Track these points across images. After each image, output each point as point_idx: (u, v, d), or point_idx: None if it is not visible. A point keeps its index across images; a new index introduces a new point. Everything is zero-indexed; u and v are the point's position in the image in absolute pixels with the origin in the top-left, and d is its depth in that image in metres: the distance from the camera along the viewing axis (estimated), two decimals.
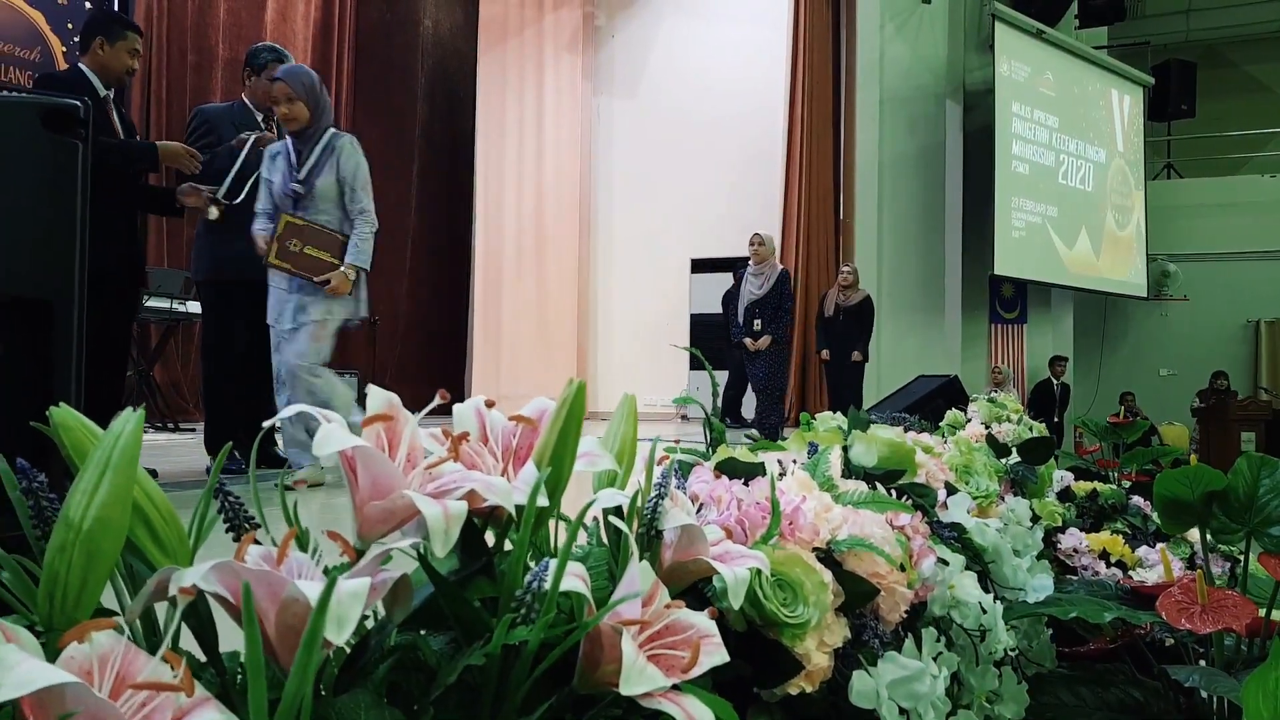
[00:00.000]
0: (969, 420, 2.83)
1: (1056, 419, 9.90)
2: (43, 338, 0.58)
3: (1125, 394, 11.71)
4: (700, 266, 11.18)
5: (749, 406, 10.24)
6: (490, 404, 0.61)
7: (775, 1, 10.93)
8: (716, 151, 11.47)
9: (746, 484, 0.81)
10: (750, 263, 7.11)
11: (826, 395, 9.60)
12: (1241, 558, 1.90)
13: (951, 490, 1.24)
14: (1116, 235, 11.12)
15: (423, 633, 0.56)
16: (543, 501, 0.54)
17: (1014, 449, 1.73)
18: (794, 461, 0.97)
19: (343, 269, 3.57)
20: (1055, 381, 10.32)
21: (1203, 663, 1.25)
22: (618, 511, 0.67)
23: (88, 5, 7.30)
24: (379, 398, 0.54)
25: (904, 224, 10.11)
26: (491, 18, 11.95)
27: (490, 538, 0.62)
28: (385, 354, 10.40)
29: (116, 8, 7.43)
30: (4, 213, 0.63)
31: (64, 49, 7.16)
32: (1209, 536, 1.20)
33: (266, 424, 0.55)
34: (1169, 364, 12.36)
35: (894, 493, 1.00)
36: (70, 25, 7.16)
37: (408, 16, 11.62)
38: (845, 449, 1.10)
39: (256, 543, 0.50)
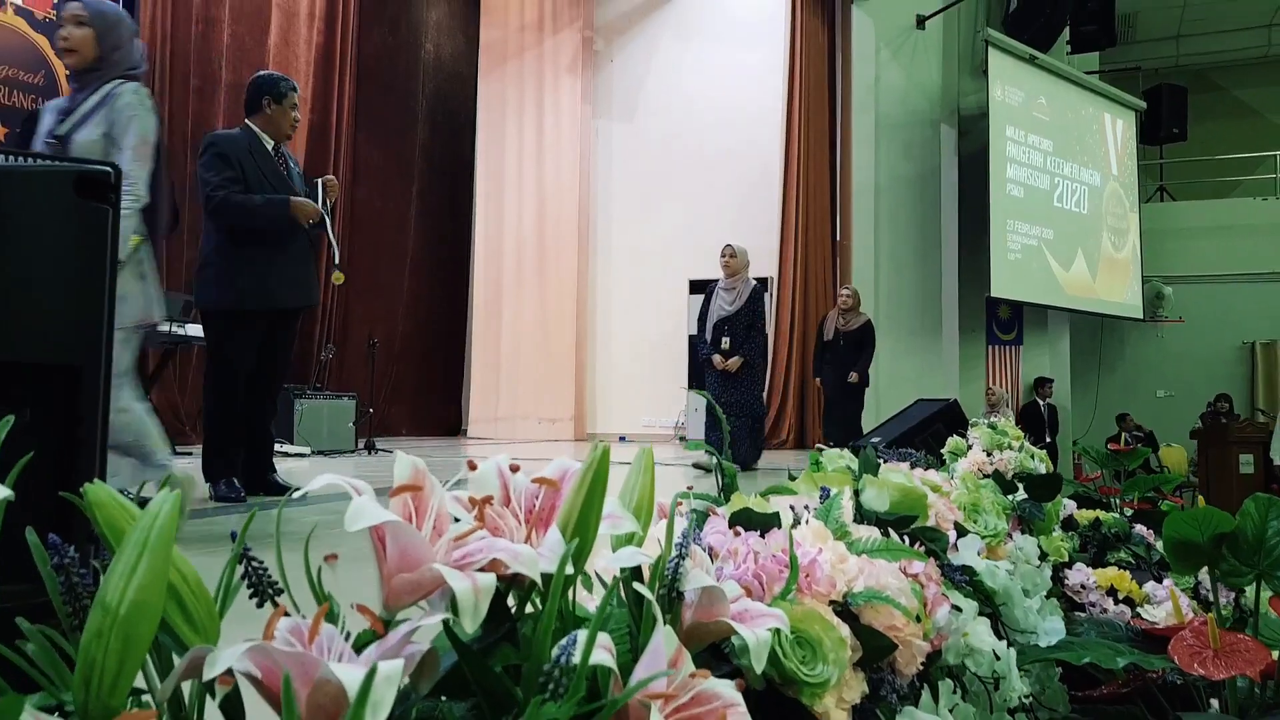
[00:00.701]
0: (970, 446, 2.83)
1: (1049, 440, 9.91)
2: (69, 403, 0.58)
3: (1121, 415, 11.73)
4: (698, 287, 11.16)
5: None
6: (515, 468, 0.61)
7: (772, 27, 11.01)
8: (714, 173, 11.52)
9: (762, 535, 0.81)
10: (722, 276, 6.65)
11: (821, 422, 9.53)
12: (1246, 588, 1.90)
13: (961, 531, 1.24)
14: (1113, 257, 11.18)
15: (443, 698, 0.56)
16: (569, 570, 0.54)
17: (1020, 485, 1.73)
18: (806, 507, 0.97)
19: None
20: (1042, 403, 10.34)
21: (1214, 703, 1.25)
22: (636, 570, 0.67)
23: None
24: (406, 466, 0.54)
25: (900, 246, 10.16)
26: (492, 42, 12.04)
27: (509, 601, 0.62)
28: (382, 374, 10.40)
29: None
30: (36, 278, 0.63)
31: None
32: (1219, 578, 1.20)
33: (299, 492, 0.55)
34: (1165, 385, 12.41)
35: (906, 538, 1.00)
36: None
37: (409, 41, 11.70)
38: (856, 491, 1.10)
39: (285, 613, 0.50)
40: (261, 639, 0.45)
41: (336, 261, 4.34)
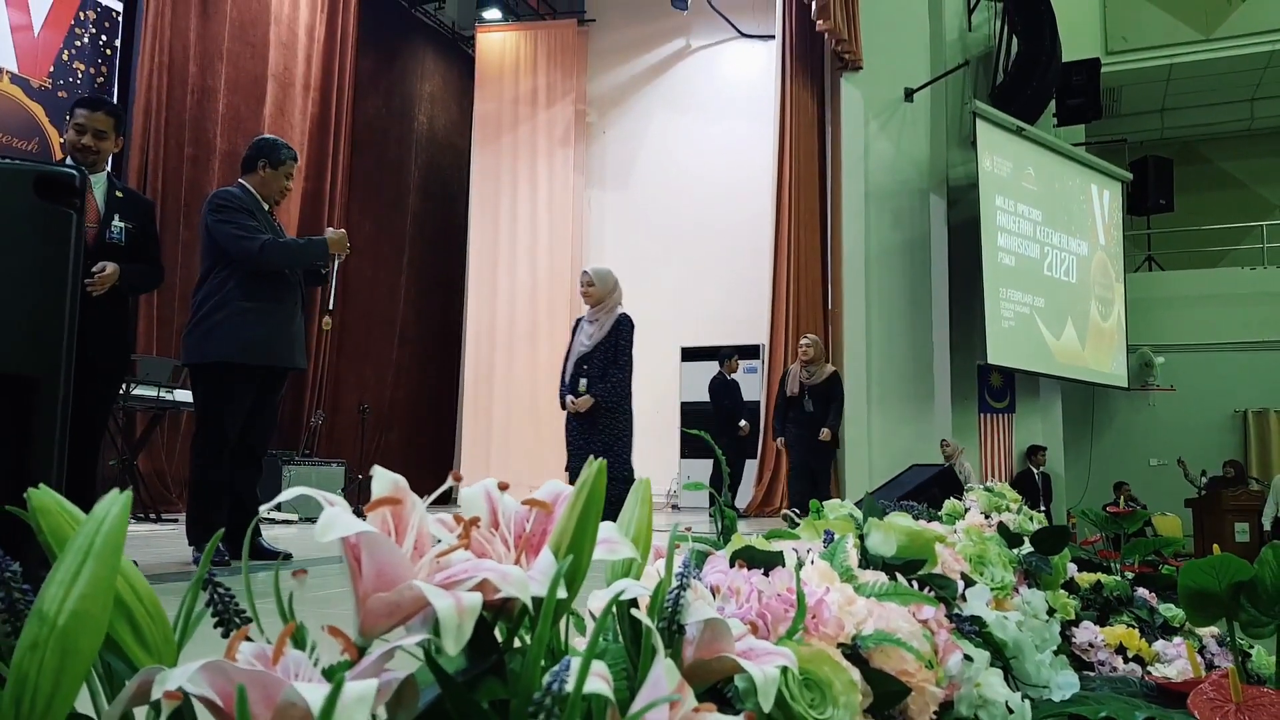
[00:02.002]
0: (968, 509, 2.78)
1: (1043, 508, 9.82)
2: (25, 416, 0.54)
3: (1119, 484, 11.65)
4: (690, 355, 11.21)
5: (741, 498, 10.15)
6: (504, 486, 0.57)
7: (762, 99, 11.19)
8: (706, 243, 11.61)
9: (766, 574, 0.76)
10: (587, 308, 5.71)
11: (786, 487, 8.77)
12: (1251, 651, 1.84)
13: (968, 582, 1.20)
14: (1100, 326, 11.23)
15: None
16: (561, 594, 0.49)
17: (1026, 539, 1.68)
18: (809, 551, 0.93)
19: None
20: (1036, 471, 10.27)
21: None
22: (633, 604, 0.62)
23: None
24: (385, 480, 0.50)
25: (891, 315, 10.18)
26: (485, 115, 12.21)
27: (498, 633, 0.57)
28: (372, 442, 10.31)
29: (115, 100, 7.54)
30: None
31: (61, 140, 7.24)
32: (1237, 629, 1.15)
33: (266, 507, 0.50)
34: (1158, 454, 12.36)
35: (914, 584, 0.96)
36: (68, 118, 7.25)
37: (403, 112, 11.86)
38: (861, 538, 1.06)
39: (248, 639, 0.45)
40: (225, 658, 0.41)
41: (331, 308, 4.34)
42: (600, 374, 5.33)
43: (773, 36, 11.13)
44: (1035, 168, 10.52)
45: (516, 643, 0.56)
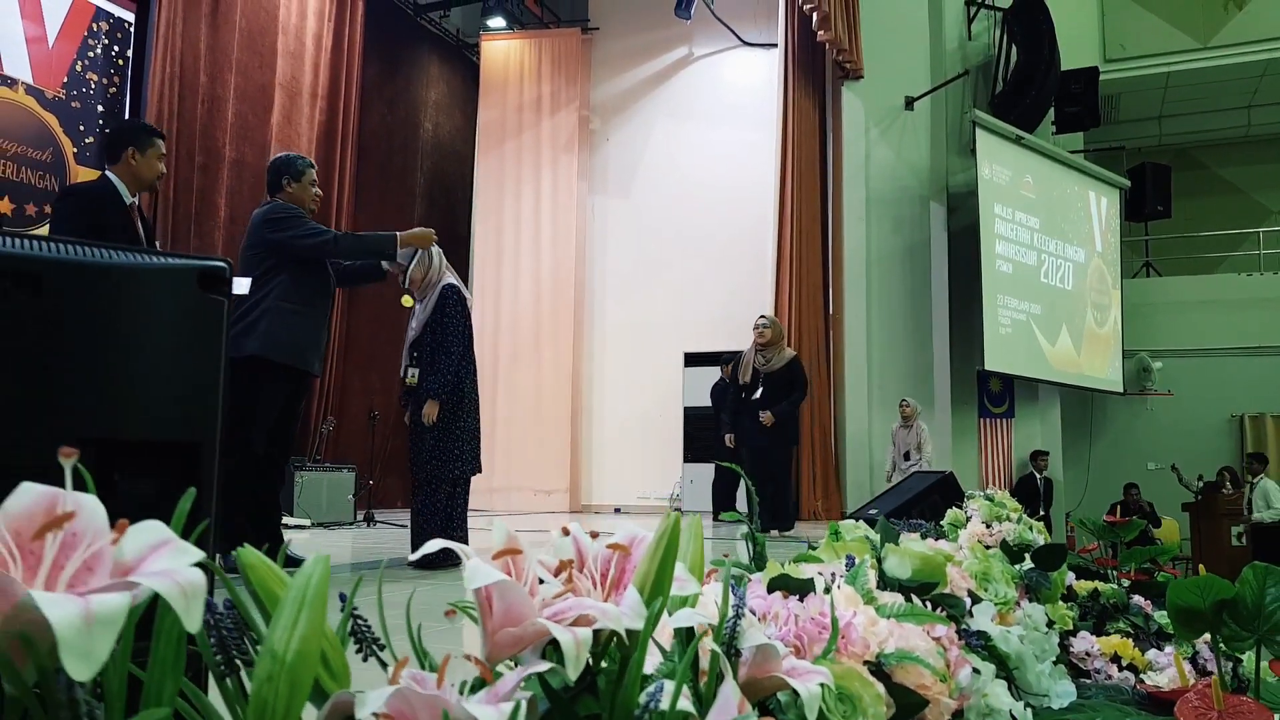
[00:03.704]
0: (969, 518, 2.89)
1: (1043, 513, 9.92)
2: (190, 477, 0.64)
3: (1129, 485, 11.73)
4: (693, 360, 11.31)
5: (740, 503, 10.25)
6: (594, 535, 0.68)
7: (764, 107, 11.29)
8: (708, 249, 11.72)
9: (800, 599, 0.87)
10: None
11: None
12: (1242, 657, 1.95)
13: (974, 598, 1.30)
14: (1096, 333, 11.35)
15: None
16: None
17: (1027, 555, 1.79)
18: (833, 575, 1.04)
19: None
20: (1038, 475, 10.38)
21: None
22: (690, 630, 0.73)
23: (99, 109, 7.51)
24: (503, 531, 0.61)
25: (892, 320, 10.30)
26: (489, 122, 12.32)
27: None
28: (380, 448, 10.41)
29: (127, 112, 7.64)
30: (164, 364, 0.70)
31: (74, 150, 7.34)
32: (1220, 643, 1.26)
33: (416, 555, 0.61)
34: (1156, 458, 12.47)
35: (927, 604, 1.06)
36: (81, 128, 7.36)
37: (408, 120, 11.98)
38: (878, 560, 1.16)
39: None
40: (389, 684, 0.51)
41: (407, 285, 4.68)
42: (430, 363, 4.52)
43: (775, 45, 11.23)
44: (1034, 175, 10.64)
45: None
